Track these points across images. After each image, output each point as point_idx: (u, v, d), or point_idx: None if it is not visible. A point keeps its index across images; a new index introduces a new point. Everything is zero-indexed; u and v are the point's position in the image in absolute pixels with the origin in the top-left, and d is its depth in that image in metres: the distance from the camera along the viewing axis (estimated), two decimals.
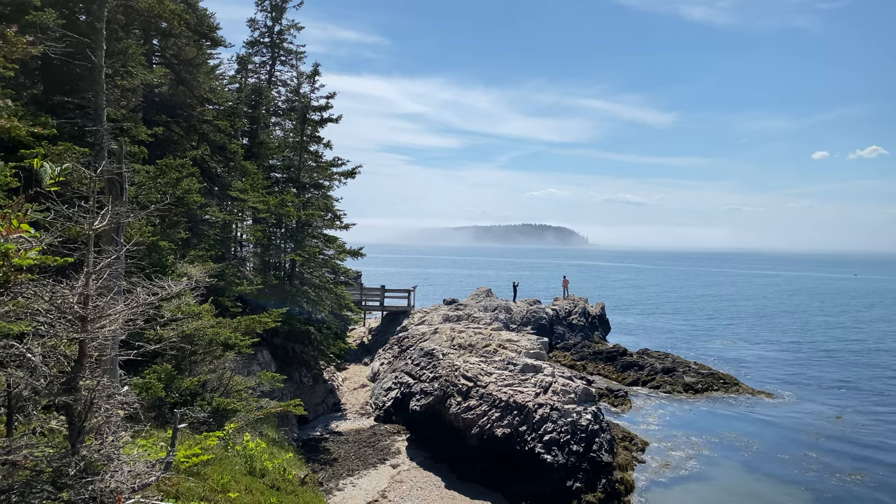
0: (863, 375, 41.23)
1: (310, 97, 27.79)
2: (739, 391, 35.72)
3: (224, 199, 23.13)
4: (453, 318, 35.47)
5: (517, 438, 20.76)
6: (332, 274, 27.68)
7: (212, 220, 21.36)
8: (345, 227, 27.64)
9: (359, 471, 20.89)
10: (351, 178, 28.31)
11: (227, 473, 10.24)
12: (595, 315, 50.90)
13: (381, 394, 27.64)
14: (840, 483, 22.38)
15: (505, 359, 24.85)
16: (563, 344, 44.33)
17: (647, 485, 21.66)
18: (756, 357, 47.94)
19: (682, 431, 27.83)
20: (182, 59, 21.49)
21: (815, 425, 29.49)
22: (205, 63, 23.11)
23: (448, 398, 22.88)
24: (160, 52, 21.71)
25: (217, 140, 22.53)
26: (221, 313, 18.10)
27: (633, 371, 38.26)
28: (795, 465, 24.06)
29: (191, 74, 21.58)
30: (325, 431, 24.84)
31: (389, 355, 32.39)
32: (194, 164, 19.35)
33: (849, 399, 34.62)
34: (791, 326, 66.75)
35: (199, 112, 21.96)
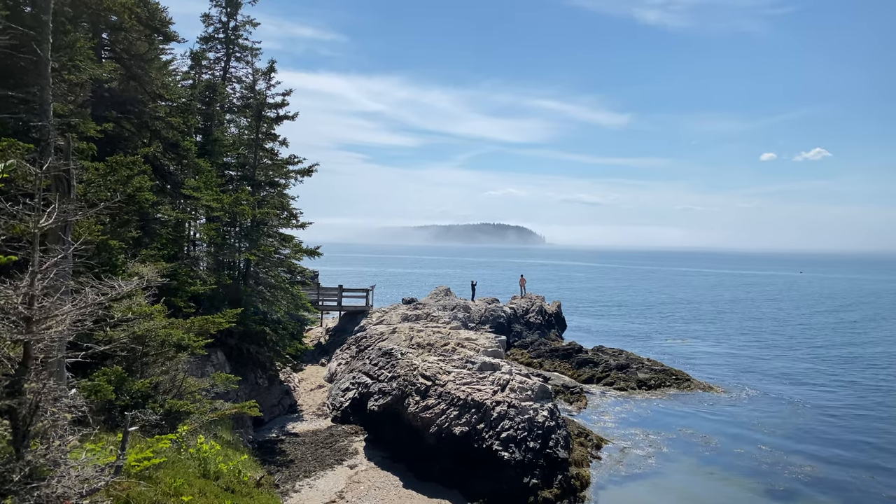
0: (811, 370, 42.66)
1: (265, 94, 27.41)
2: (691, 387, 36.59)
3: (177, 197, 22.65)
4: (412, 317, 35.46)
5: (475, 436, 20.88)
6: (288, 273, 27.36)
7: (164, 218, 20.88)
8: (301, 226, 27.35)
9: (316, 472, 20.72)
10: (307, 177, 28.03)
11: (180, 477, 10.05)
12: (552, 313, 51.52)
13: (338, 394, 27.46)
14: (792, 476, 23.08)
15: (463, 357, 24.96)
16: (521, 342, 44.75)
17: (604, 481, 22.01)
18: (707, 353, 49.19)
19: (640, 429, 28.33)
20: (133, 53, 20.96)
21: (767, 419, 30.39)
22: (157, 58, 22.57)
23: (406, 398, 22.88)
24: (110, 47, 21.14)
25: (170, 137, 22.05)
26: (174, 314, 17.74)
27: (588, 368, 38.84)
28: (749, 460, 24.72)
29: (142, 70, 21.07)
30: (282, 433, 24.56)
31: (347, 355, 32.20)
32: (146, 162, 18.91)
33: (798, 393, 35.77)
34: (741, 323, 68.63)
35: (151, 108, 21.45)
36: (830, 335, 60.04)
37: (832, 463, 24.28)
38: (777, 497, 21.25)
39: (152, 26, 21.38)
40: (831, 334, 60.66)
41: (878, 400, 33.98)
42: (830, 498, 21.18)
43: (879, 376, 40.51)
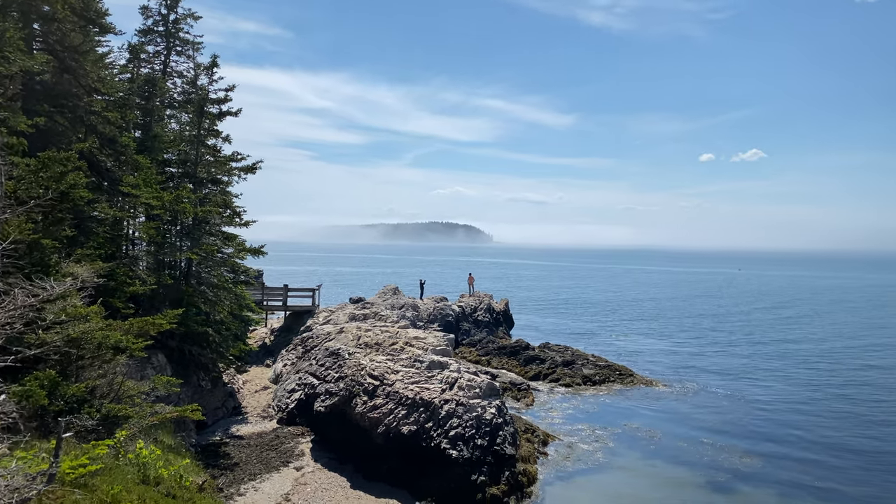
0: (749, 365, 44.21)
1: (208, 89, 26.75)
2: (634, 382, 37.45)
3: (114, 194, 21.89)
4: (359, 316, 35.21)
5: (423, 435, 20.89)
6: (231, 273, 26.78)
7: (101, 216, 20.12)
8: (245, 225, 26.80)
9: (261, 475, 20.37)
10: (251, 174, 27.51)
11: (118, 483, 9.72)
12: (499, 311, 51.95)
13: (284, 396, 27.06)
14: (732, 468, 23.87)
15: (412, 356, 24.92)
16: (469, 340, 44.98)
17: (551, 476, 22.33)
18: (649, 349, 50.46)
19: (586, 424, 28.84)
20: (67, 45, 20.11)
21: (708, 414, 31.34)
22: (93, 51, 21.71)
23: (354, 398, 22.71)
24: (42, 38, 20.23)
25: (106, 132, 21.26)
26: (112, 315, 17.15)
27: (535, 365, 39.32)
28: (691, 453, 25.45)
29: (77, 62, 20.23)
30: (226, 436, 24.06)
31: (293, 356, 31.75)
32: (81, 158, 18.21)
33: (737, 388, 37.00)
34: (682, 320, 70.62)
35: (86, 102, 20.63)
36: (767, 331, 62.37)
37: (769, 456, 25.21)
38: (717, 489, 21.96)
39: (87, 17, 20.60)
40: (768, 330, 63.01)
41: (810, 395, 35.37)
42: (767, 489, 22.00)
43: (812, 371, 42.26)
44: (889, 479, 22.81)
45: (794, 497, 21.26)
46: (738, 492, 21.76)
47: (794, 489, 21.88)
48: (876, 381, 38.64)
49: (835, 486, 22.21)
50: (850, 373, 41.35)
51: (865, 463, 24.24)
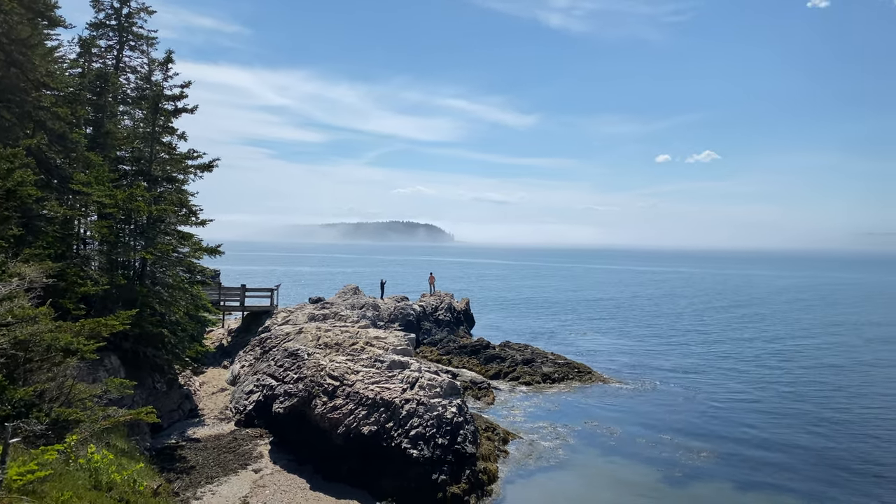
0: (705, 362, 45.23)
1: (162, 85, 26.17)
2: (593, 379, 37.98)
3: (64, 192, 21.25)
4: (319, 316, 34.91)
5: (384, 435, 20.82)
6: (187, 273, 26.25)
7: (50, 215, 19.52)
8: (201, 224, 26.30)
9: (218, 478, 20.04)
10: (208, 172, 27.02)
11: (69, 489, 9.46)
12: (460, 310, 52.10)
13: (241, 397, 26.68)
14: (689, 463, 24.41)
15: (372, 356, 24.81)
16: (430, 339, 45.01)
17: (512, 474, 22.49)
18: (608, 346, 51.22)
19: (546, 422, 29.13)
20: (14, 38, 19.43)
21: (665, 410, 31.95)
22: (41, 44, 21.03)
23: (313, 398, 22.51)
24: None
25: (56, 128, 20.62)
26: (62, 316, 16.68)
27: (495, 363, 39.54)
28: (651, 448, 25.94)
29: (24, 56, 19.57)
30: (182, 439, 23.60)
31: (251, 357, 31.32)
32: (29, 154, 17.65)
33: (693, 385, 37.80)
34: (640, 318, 71.86)
35: (34, 97, 19.97)
36: (724, 329, 63.90)
37: (723, 452, 25.80)
38: (674, 484, 22.42)
39: (35, 9, 19.95)
40: (724, 329, 64.56)
41: (763, 392, 36.23)
42: (722, 484, 22.54)
43: (765, 369, 43.42)
44: (837, 473, 23.55)
45: (747, 492, 21.83)
46: (694, 487, 22.24)
47: (747, 484, 22.46)
48: (827, 379, 39.86)
49: (786, 481, 22.84)
50: (803, 370, 42.58)
51: (815, 459, 24.96)
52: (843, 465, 24.21)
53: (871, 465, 24.32)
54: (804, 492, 21.73)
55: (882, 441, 27.22)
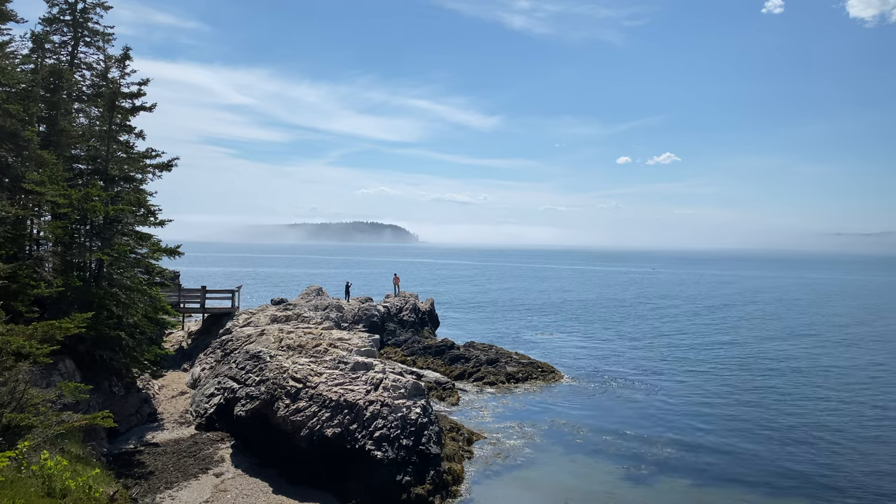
0: (666, 360, 46.04)
1: (119, 83, 25.57)
2: (556, 378, 38.35)
3: (16, 191, 20.63)
4: (282, 318, 34.51)
5: (348, 437, 20.69)
6: (145, 274, 25.70)
7: (1, 215, 18.95)
8: (160, 224, 25.77)
9: (178, 483, 19.68)
10: (167, 171, 26.52)
11: (21, 497, 9.21)
12: (425, 311, 52.03)
13: (202, 400, 26.23)
14: (653, 459, 24.90)
15: (336, 358, 24.63)
16: (395, 340, 44.85)
17: (477, 474, 22.55)
18: (572, 346, 51.75)
19: (511, 421, 29.30)
20: None
21: (628, 408, 32.46)
22: None
23: (276, 401, 22.25)
24: None
25: (7, 126, 19.98)
26: (14, 319, 16.21)
27: (460, 364, 39.62)
28: (614, 446, 26.33)
29: None
30: (140, 443, 23.10)
31: (212, 360, 30.83)
32: None
33: (655, 383, 38.43)
34: (602, 317, 72.75)
35: None
36: (684, 327, 65.12)
37: (684, 447, 26.34)
38: (638, 480, 22.83)
39: None
40: (684, 327, 65.78)
41: (723, 389, 37.03)
42: (682, 479, 23.02)
43: (725, 367, 44.38)
44: (793, 469, 24.20)
45: (706, 486, 22.32)
46: (657, 482, 22.67)
47: (706, 478, 22.96)
48: (784, 376, 40.92)
49: (745, 478, 23.37)
50: (760, 367, 43.65)
51: (772, 456, 25.56)
52: (799, 463, 24.84)
53: (825, 466, 24.96)
54: (762, 488, 22.23)
55: (837, 441, 28.00)
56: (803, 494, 21.63)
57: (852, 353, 49.92)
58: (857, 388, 37.17)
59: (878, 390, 36.81)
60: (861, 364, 44.81)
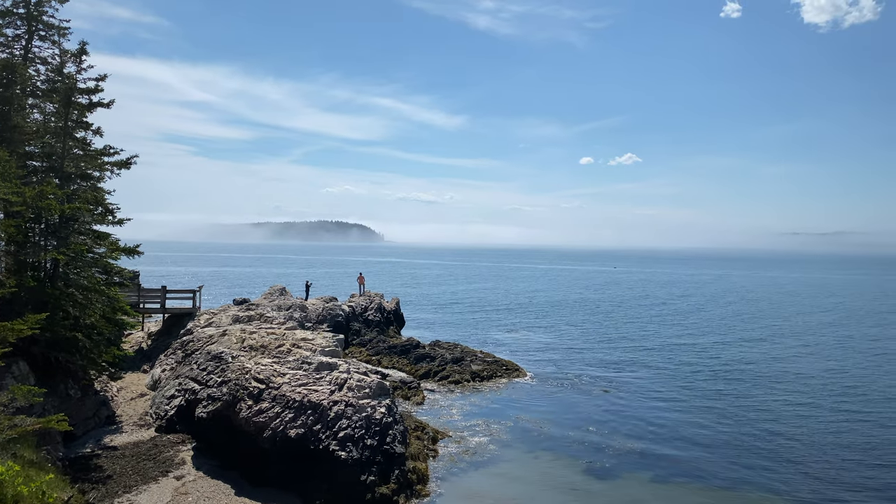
0: (629, 357, 46.69)
1: (76, 78, 24.95)
2: (521, 376, 38.64)
3: None
4: (244, 318, 34.07)
5: (312, 438, 20.53)
6: (103, 274, 25.10)
7: None
8: (118, 223, 25.19)
9: (137, 486, 19.29)
10: (125, 169, 25.92)
11: None
12: (390, 310, 51.89)
13: (162, 402, 25.76)
14: (615, 454, 25.33)
15: (299, 358, 24.42)
16: (360, 340, 44.64)
17: (442, 472, 22.63)
18: (537, 344, 52.17)
19: (476, 419, 29.46)
20: None
21: (592, 404, 32.85)
22: None
23: (238, 402, 21.97)
24: None
25: None
26: None
27: (425, 363, 39.61)
28: (578, 442, 26.73)
29: None
30: (98, 447, 22.58)
31: (172, 361, 30.29)
32: None
33: (618, 380, 38.98)
34: (567, 315, 73.46)
35: None
36: (646, 325, 66.15)
37: (646, 443, 26.81)
38: (601, 475, 23.23)
39: None
40: (647, 324, 66.82)
41: (684, 386, 37.63)
42: (644, 473, 23.44)
43: (688, 365, 45.18)
44: (751, 462, 24.83)
45: (667, 480, 22.77)
46: (619, 476, 23.12)
47: (666, 472, 23.43)
48: (743, 373, 41.86)
49: (702, 467, 23.98)
50: (721, 365, 44.57)
51: (731, 451, 26.14)
52: (756, 457, 25.41)
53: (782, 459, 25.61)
54: (719, 481, 22.74)
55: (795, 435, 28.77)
56: (760, 487, 22.17)
57: (809, 350, 51.21)
58: (815, 385, 38.13)
59: (835, 387, 37.79)
60: (818, 362, 45.98)
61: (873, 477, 23.21)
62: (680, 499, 21.26)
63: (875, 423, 30.08)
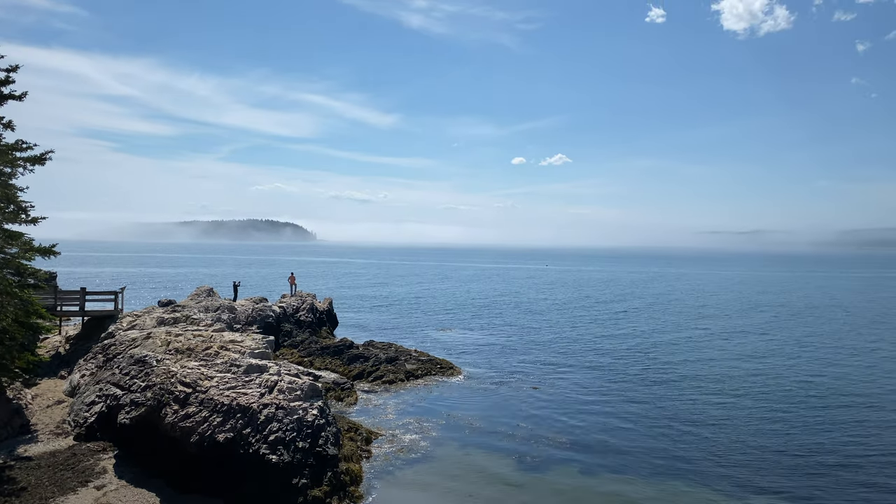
0: (561, 354, 47.58)
1: None
2: (455, 374, 38.89)
3: None
4: (169, 320, 32.94)
5: (241, 442, 20.04)
6: (16, 276, 23.77)
7: None
8: (33, 221, 23.89)
9: (54, 498, 18.38)
10: (40, 165, 24.59)
11: None
12: (323, 310, 51.24)
13: (82, 409, 24.63)
14: (544, 449, 25.81)
15: (228, 361, 23.78)
16: (291, 341, 43.89)
17: (375, 472, 22.57)
18: (471, 342, 52.56)
19: (410, 417, 29.53)
20: None
21: (523, 401, 33.36)
22: None
23: (164, 407, 21.23)
24: None
25: None
26: None
27: (359, 363, 39.32)
28: (508, 437, 27.17)
29: None
30: (11, 458, 21.38)
31: (93, 365, 29.00)
32: None
33: (550, 375, 39.67)
34: (504, 314, 74.25)
35: None
36: (576, 323, 67.63)
37: (574, 437, 27.46)
38: (530, 469, 23.66)
39: None
40: (577, 322, 68.31)
41: (612, 383, 38.57)
42: (572, 467, 23.99)
43: (618, 359, 46.44)
44: (679, 454, 25.74)
45: (593, 473, 23.38)
46: (549, 468, 23.66)
47: (594, 466, 24.07)
48: (673, 368, 43.30)
49: (631, 459, 24.75)
50: (652, 359, 46.03)
51: (657, 443, 27.02)
52: (684, 450, 26.31)
53: (709, 452, 26.58)
54: (645, 473, 23.48)
55: (717, 426, 29.93)
56: (682, 478, 22.97)
57: (736, 347, 53.02)
58: (740, 378, 39.67)
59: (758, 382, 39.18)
60: (743, 360, 47.43)
61: (793, 467, 24.19)
62: (605, 490, 21.84)
63: (795, 414, 31.37)
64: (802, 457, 25.11)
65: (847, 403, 33.11)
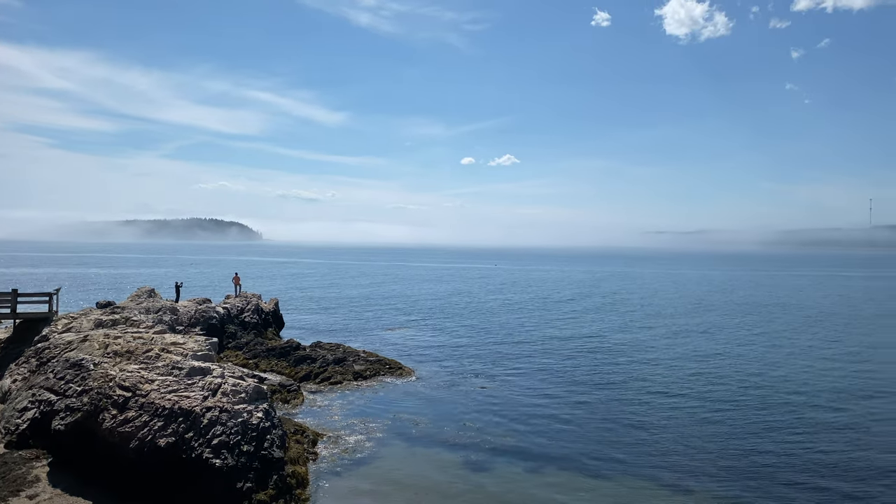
0: (506, 354, 47.98)
1: None
2: (403, 374, 38.84)
3: None
4: (108, 322, 31.94)
5: (183, 446, 19.60)
6: None
7: None
8: None
9: None
10: None
11: None
12: (269, 311, 50.52)
13: (13, 416, 23.65)
14: (489, 446, 26.02)
15: (169, 363, 23.21)
16: (236, 343, 43.11)
17: (322, 473, 22.39)
18: (419, 341, 52.59)
19: (356, 419, 29.36)
20: None
21: (471, 400, 33.54)
22: None
23: (101, 412, 20.59)
24: None
25: None
26: None
27: (305, 364, 38.89)
28: (454, 436, 27.26)
29: None
30: None
31: (25, 370, 27.86)
32: None
33: (497, 375, 40.00)
34: (453, 313, 74.43)
35: None
36: (524, 322, 68.35)
37: (520, 436, 27.72)
38: (475, 467, 23.80)
39: None
40: (525, 321, 69.04)
41: (557, 382, 39.16)
42: (518, 464, 24.25)
43: (566, 357, 47.12)
44: (626, 450, 26.35)
45: (539, 471, 23.67)
46: (493, 468, 23.79)
47: (540, 464, 24.35)
48: (619, 367, 44.10)
49: (577, 455, 25.18)
50: (598, 357, 46.86)
51: (606, 437, 27.60)
52: (627, 444, 26.89)
53: (650, 446, 27.29)
54: (591, 470, 23.89)
55: (662, 422, 30.68)
56: (629, 474, 23.45)
57: (679, 343, 54.34)
58: (685, 379, 40.43)
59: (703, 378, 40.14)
60: (688, 354, 48.59)
61: (727, 468, 24.55)
62: (551, 487, 22.14)
63: (735, 413, 31.91)
64: (738, 458, 25.28)
65: (785, 402, 34.12)
